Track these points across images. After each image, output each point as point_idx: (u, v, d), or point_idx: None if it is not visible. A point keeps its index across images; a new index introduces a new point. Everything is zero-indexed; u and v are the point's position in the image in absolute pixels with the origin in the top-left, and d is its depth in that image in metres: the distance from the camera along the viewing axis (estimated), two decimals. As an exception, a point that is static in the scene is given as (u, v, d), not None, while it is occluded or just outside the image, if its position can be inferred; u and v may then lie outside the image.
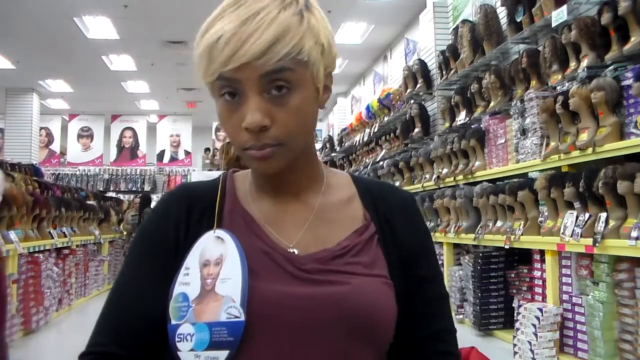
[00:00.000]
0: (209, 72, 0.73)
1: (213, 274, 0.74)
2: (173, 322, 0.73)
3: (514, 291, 3.83)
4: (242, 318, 0.71)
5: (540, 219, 3.50)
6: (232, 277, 0.73)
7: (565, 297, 3.22)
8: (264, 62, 0.70)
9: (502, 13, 4.68)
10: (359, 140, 8.30)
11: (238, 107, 0.73)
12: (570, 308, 3.16)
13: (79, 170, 13.89)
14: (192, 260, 0.76)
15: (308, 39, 0.73)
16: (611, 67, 3.15)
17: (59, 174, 13.55)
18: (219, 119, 0.77)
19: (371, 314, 0.76)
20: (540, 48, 3.91)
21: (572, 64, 3.51)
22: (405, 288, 0.81)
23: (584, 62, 3.36)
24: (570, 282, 3.21)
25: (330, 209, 0.84)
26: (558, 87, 3.56)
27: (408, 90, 6.32)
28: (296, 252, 0.78)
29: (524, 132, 3.86)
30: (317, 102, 0.78)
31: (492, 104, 4.55)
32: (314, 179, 0.85)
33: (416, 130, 6.04)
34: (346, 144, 9.17)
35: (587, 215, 3.01)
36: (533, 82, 3.97)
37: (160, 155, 14.50)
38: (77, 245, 6.05)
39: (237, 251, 0.75)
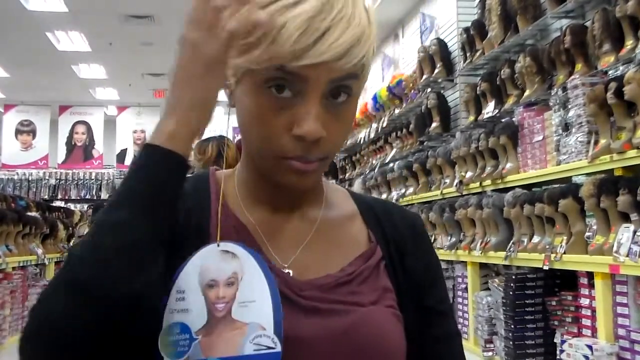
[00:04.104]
0: (265, 56, 0.70)
1: (226, 297, 0.74)
2: None
3: (556, 323, 3.80)
4: (278, 349, 0.72)
5: (587, 233, 3.48)
6: (257, 300, 0.74)
7: (621, 331, 3.19)
8: (341, 65, 0.72)
9: (539, -19, 4.69)
10: (364, 138, 8.31)
11: (287, 106, 0.73)
12: (628, 346, 3.12)
13: (17, 174, 13.89)
14: (188, 281, 0.74)
15: (373, 42, 0.76)
16: (677, 46, 3.14)
17: (-8, 178, 13.58)
18: (247, 113, 0.76)
19: (380, 347, 0.79)
20: (587, 23, 3.90)
21: (629, 43, 3.49)
22: (415, 321, 0.85)
23: (643, 41, 3.35)
24: (627, 312, 3.18)
25: (332, 226, 0.87)
26: (610, 72, 3.55)
27: (424, 77, 6.31)
28: (290, 273, 0.81)
29: (566, 127, 3.85)
30: None
31: (527, 92, 4.54)
32: (316, 191, 0.89)
33: (434, 125, 6.04)
34: (348, 143, 9.17)
35: (646, 229, 2.99)
36: (578, 66, 3.95)
37: (122, 156, 14.51)
38: (13, 268, 5.99)
39: (259, 268, 0.75)
